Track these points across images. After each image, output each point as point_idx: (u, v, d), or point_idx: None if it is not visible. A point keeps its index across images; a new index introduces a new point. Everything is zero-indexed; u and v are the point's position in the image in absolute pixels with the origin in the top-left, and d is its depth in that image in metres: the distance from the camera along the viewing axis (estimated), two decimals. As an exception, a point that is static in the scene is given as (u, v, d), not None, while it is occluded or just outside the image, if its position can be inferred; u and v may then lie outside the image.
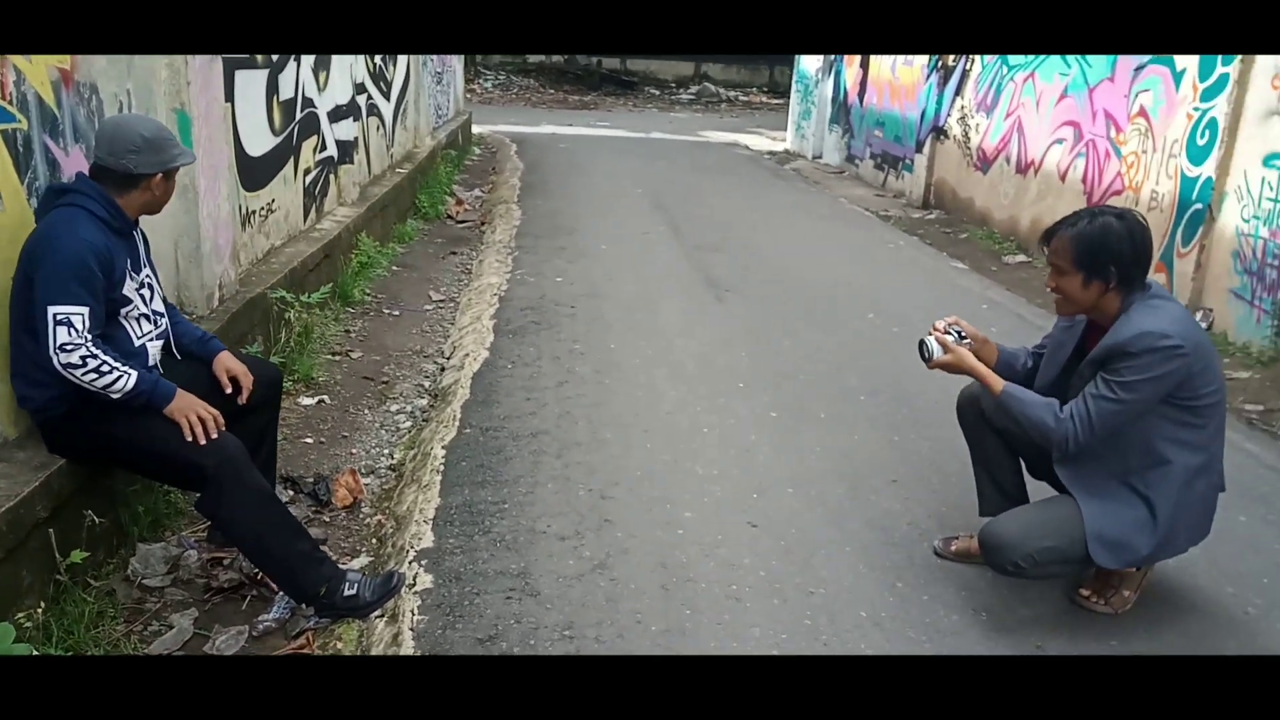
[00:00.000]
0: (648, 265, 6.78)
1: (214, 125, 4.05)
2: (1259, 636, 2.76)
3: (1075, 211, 2.67)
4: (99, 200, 2.63)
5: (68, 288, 2.48)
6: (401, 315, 5.65)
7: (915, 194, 10.27)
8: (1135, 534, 2.60)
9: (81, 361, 2.49)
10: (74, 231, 2.53)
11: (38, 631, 2.38)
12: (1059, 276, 2.63)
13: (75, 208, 2.59)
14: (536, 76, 23.28)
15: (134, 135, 2.67)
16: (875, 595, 2.86)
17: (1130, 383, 2.49)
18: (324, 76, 6.06)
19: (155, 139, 2.69)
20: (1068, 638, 2.71)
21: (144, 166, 2.67)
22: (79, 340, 2.49)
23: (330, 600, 2.69)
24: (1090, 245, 2.54)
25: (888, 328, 5.45)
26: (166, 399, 2.62)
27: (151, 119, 2.93)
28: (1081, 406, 2.56)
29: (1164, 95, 6.38)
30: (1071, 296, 2.63)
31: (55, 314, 2.47)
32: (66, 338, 2.48)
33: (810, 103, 13.95)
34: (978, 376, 2.77)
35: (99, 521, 2.71)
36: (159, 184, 2.73)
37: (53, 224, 2.57)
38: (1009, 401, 2.69)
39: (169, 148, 2.73)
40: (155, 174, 2.70)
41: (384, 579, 2.79)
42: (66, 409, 2.61)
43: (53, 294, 2.48)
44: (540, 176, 10.51)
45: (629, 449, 3.76)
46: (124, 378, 2.54)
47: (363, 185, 7.11)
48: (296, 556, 2.66)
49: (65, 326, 2.47)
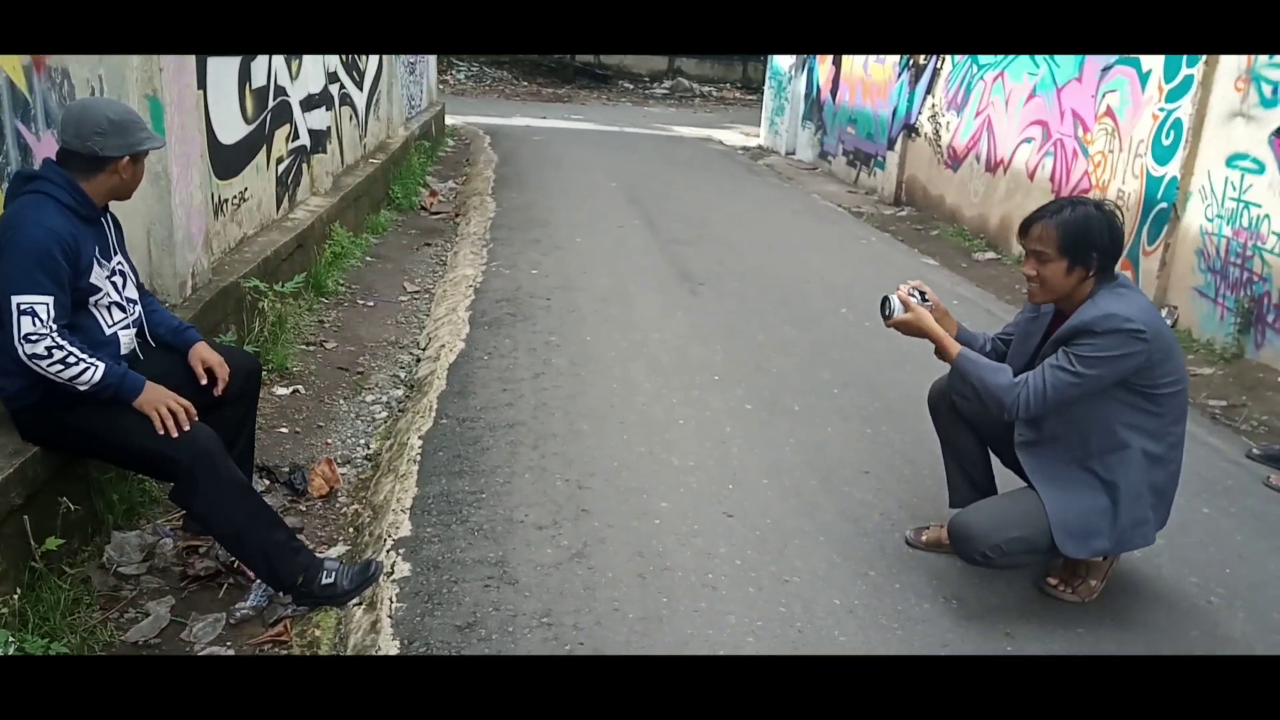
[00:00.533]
0: (622, 259, 6.80)
1: (186, 112, 4.01)
2: (1220, 625, 2.83)
3: (1053, 201, 2.72)
4: (65, 187, 2.59)
5: (32, 277, 2.45)
6: (376, 306, 5.62)
7: (887, 191, 10.36)
8: (1097, 522, 2.67)
9: (47, 352, 2.46)
10: (38, 220, 2.49)
11: (14, 618, 2.36)
12: (1041, 264, 2.65)
13: (41, 195, 2.55)
14: (510, 69, 23.17)
15: (100, 117, 2.62)
16: (848, 584, 2.90)
17: (1090, 358, 2.55)
18: (296, 65, 6.02)
19: (121, 121, 2.64)
20: (1036, 626, 2.77)
21: (110, 149, 2.61)
22: (44, 330, 2.46)
23: (308, 589, 2.69)
24: (1076, 232, 2.60)
25: (860, 323, 5.51)
26: (135, 391, 2.60)
27: (119, 102, 2.88)
28: (1038, 376, 2.62)
29: (1130, 96, 6.49)
30: (1052, 284, 2.67)
31: (19, 304, 2.44)
32: (31, 328, 2.44)
33: (783, 99, 14.02)
34: (934, 338, 2.80)
35: (74, 509, 2.69)
36: (126, 167, 2.67)
37: (16, 212, 2.53)
38: (965, 364, 2.74)
39: (136, 130, 2.67)
40: (122, 157, 2.64)
41: (361, 567, 2.80)
42: (36, 398, 2.59)
43: (16, 284, 2.44)
44: (515, 169, 10.48)
45: (605, 440, 3.78)
46: (91, 370, 2.51)
47: (336, 175, 7.06)
48: (274, 546, 2.66)
49: (29, 316, 2.44)
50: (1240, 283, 5.37)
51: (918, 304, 2.85)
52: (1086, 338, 2.56)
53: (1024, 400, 2.62)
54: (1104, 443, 2.66)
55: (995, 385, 2.67)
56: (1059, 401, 2.60)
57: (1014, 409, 2.64)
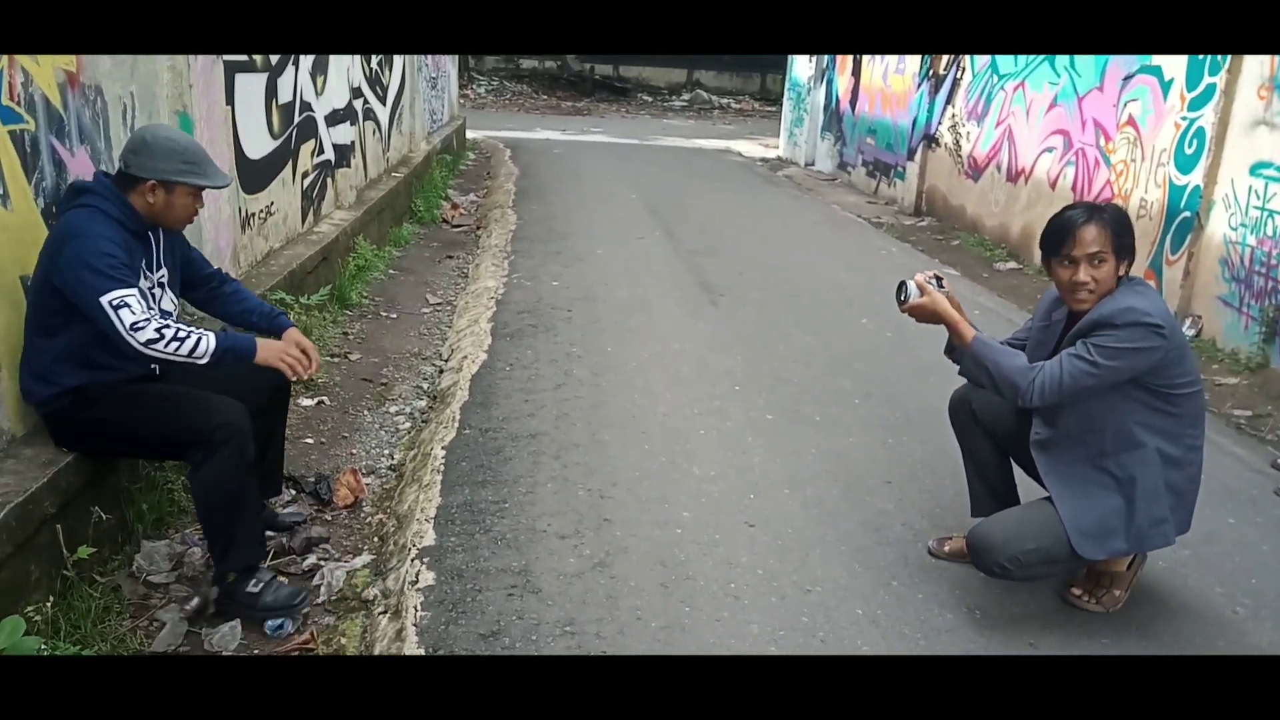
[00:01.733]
0: (643, 269, 6.83)
1: (215, 128, 4.09)
2: (1246, 635, 2.81)
3: (1070, 206, 2.73)
4: (112, 200, 2.66)
5: (109, 275, 2.52)
6: (399, 318, 5.68)
7: (907, 201, 10.35)
8: (1113, 522, 2.66)
9: (158, 334, 2.53)
10: (95, 230, 2.57)
11: (46, 625, 2.40)
12: (1097, 266, 2.61)
13: (90, 209, 2.62)
14: (530, 82, 23.34)
15: (140, 136, 2.70)
16: (870, 593, 2.91)
17: (1110, 349, 2.54)
18: (321, 81, 6.10)
19: (159, 144, 2.68)
20: (1060, 636, 2.76)
21: (137, 168, 2.67)
22: (145, 316, 2.53)
23: (233, 588, 2.70)
24: (1123, 229, 2.63)
25: (880, 333, 5.51)
26: (252, 349, 2.71)
27: (179, 133, 2.91)
28: (1055, 364, 2.61)
29: (1152, 104, 6.46)
30: (1106, 284, 2.64)
31: (110, 300, 2.50)
32: (133, 317, 2.51)
33: (802, 110, 14.04)
34: (949, 322, 2.79)
35: (105, 518, 2.74)
36: (152, 191, 2.69)
37: (70, 224, 2.60)
38: (980, 348, 2.73)
39: (171, 159, 2.68)
40: (147, 179, 2.67)
41: (290, 592, 2.78)
42: (68, 403, 2.65)
43: (98, 285, 2.50)
44: (535, 181, 10.55)
45: (627, 450, 3.80)
46: (203, 339, 2.59)
47: (359, 189, 7.14)
48: (242, 533, 2.70)
49: (125, 309, 2.51)
50: (1265, 292, 5.33)
51: (934, 289, 2.86)
52: (1107, 329, 2.56)
53: (1039, 385, 2.61)
54: (1119, 442, 2.65)
55: (1010, 369, 2.66)
56: (1075, 390, 2.59)
57: (1028, 394, 2.63)
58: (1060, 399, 2.62)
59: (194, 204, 2.81)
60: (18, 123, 2.76)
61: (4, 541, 2.39)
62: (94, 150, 3.19)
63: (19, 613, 2.33)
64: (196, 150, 2.79)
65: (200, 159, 2.77)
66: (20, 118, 2.77)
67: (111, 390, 2.68)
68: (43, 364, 2.64)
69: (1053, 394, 2.61)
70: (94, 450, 2.79)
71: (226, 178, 2.91)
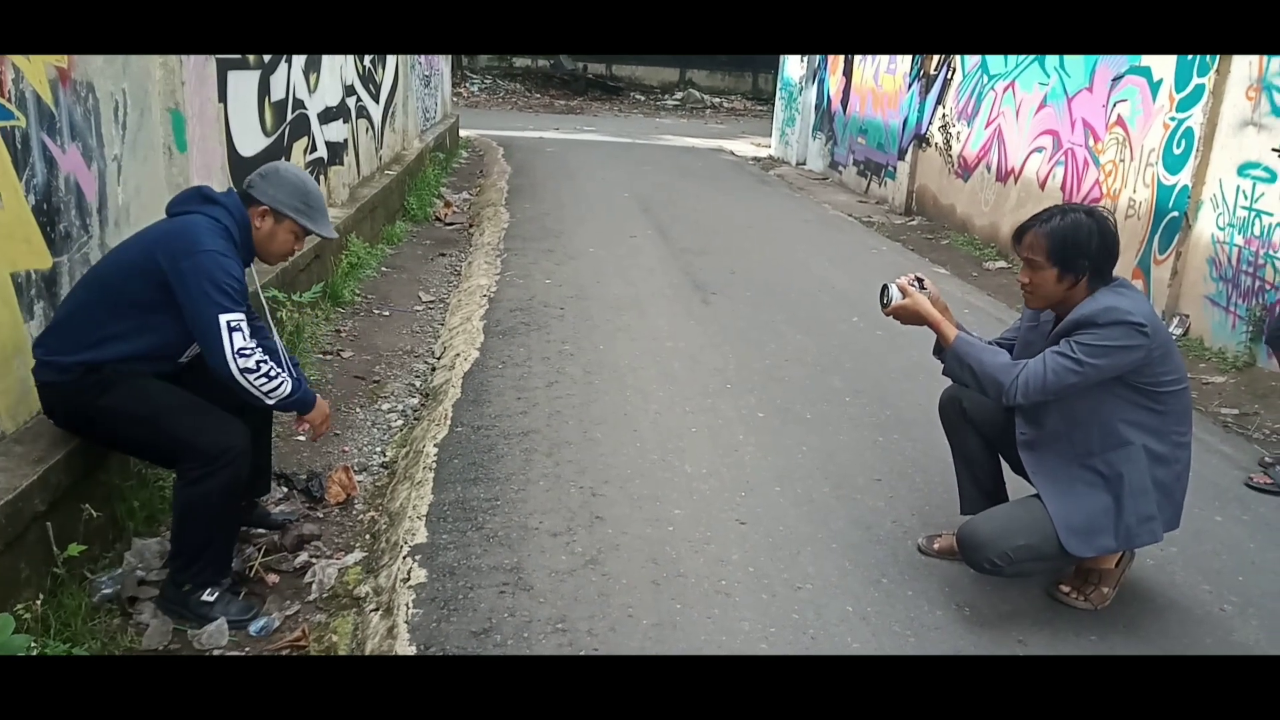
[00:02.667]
0: (635, 268, 6.84)
1: (208, 125, 4.08)
2: (1234, 633, 2.83)
3: (1045, 209, 2.76)
4: (238, 223, 2.74)
5: (230, 295, 2.58)
6: (391, 316, 5.68)
7: (898, 200, 10.39)
8: (1101, 519, 2.68)
9: (257, 366, 2.61)
10: (216, 246, 2.62)
11: (36, 623, 2.40)
12: (1033, 271, 2.71)
13: (218, 224, 2.68)
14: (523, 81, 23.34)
15: (273, 165, 2.83)
16: (861, 591, 2.92)
17: (1092, 347, 2.56)
18: (314, 78, 6.09)
19: (287, 177, 2.80)
20: (1049, 633, 2.78)
21: (258, 192, 2.77)
22: (251, 346, 2.60)
23: (186, 595, 2.70)
24: (1063, 240, 2.63)
25: (871, 331, 5.53)
26: (310, 405, 2.82)
27: (313, 181, 2.96)
28: (1038, 363, 2.63)
29: (1141, 105, 6.50)
30: (1043, 291, 2.71)
31: (229, 321, 2.56)
32: (243, 343, 2.59)
33: (794, 110, 14.07)
34: (932, 323, 2.82)
35: (96, 515, 2.74)
36: (262, 217, 2.77)
37: (199, 232, 2.63)
38: (962, 347, 2.75)
39: (293, 195, 2.78)
40: (262, 204, 2.76)
41: (242, 607, 2.76)
42: (75, 377, 2.63)
43: (223, 303, 2.57)
44: (528, 180, 10.55)
45: (619, 448, 3.81)
46: (285, 384, 2.68)
47: (352, 186, 7.14)
48: (213, 553, 2.71)
49: (239, 333, 2.58)
50: (1252, 291, 5.37)
51: (916, 291, 2.87)
52: (1089, 329, 2.58)
53: (1022, 382, 2.63)
54: (1105, 440, 2.67)
55: (993, 367, 2.69)
56: (1058, 388, 2.60)
57: (1011, 392, 2.65)
58: (1044, 396, 2.64)
59: (292, 244, 2.88)
60: (8, 119, 2.75)
61: (-6, 539, 2.39)
62: (85, 147, 3.18)
63: (8, 610, 2.32)
64: (317, 198, 2.89)
65: (317, 206, 2.87)
66: (10, 114, 2.76)
67: (127, 380, 2.66)
68: (88, 336, 2.62)
69: (1036, 391, 2.62)
70: (88, 435, 2.76)
71: (335, 234, 3.03)
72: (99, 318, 2.64)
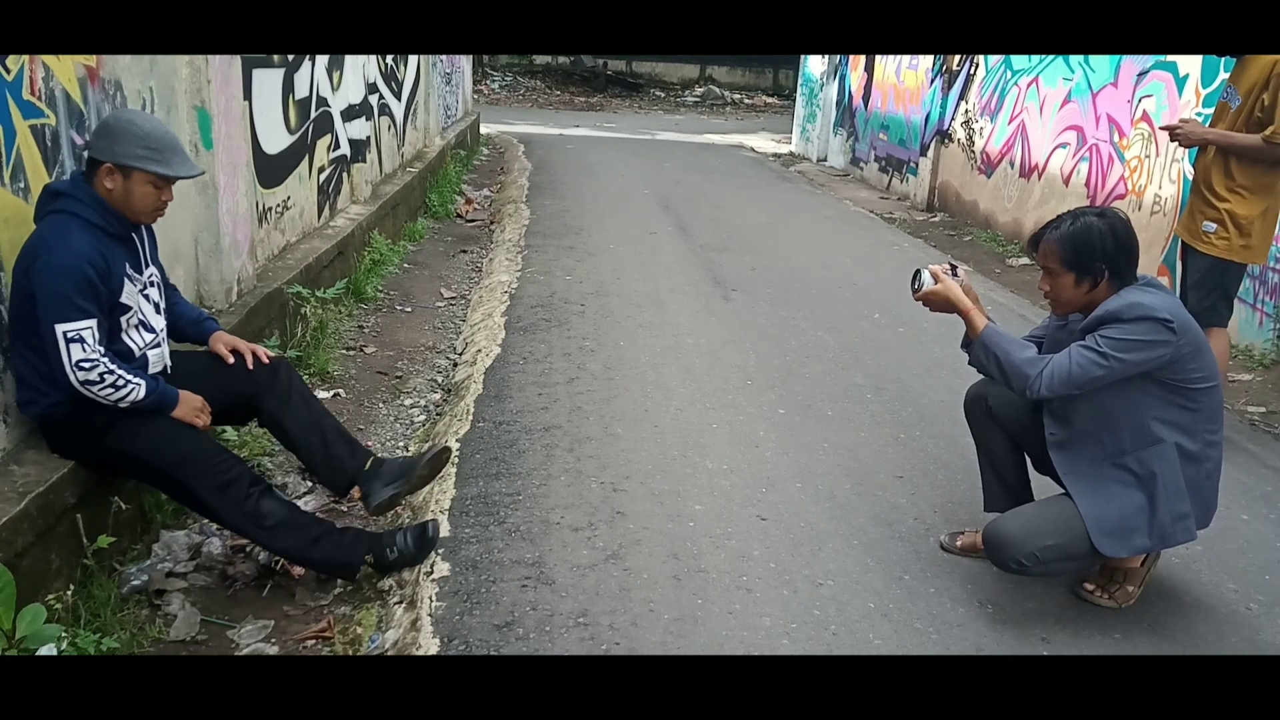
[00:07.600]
0: (655, 264, 6.84)
1: (233, 123, 4.12)
2: (1260, 632, 2.81)
3: (1058, 215, 2.75)
4: (91, 204, 2.54)
5: (72, 303, 2.43)
6: (414, 312, 5.71)
7: (920, 197, 10.33)
8: (1135, 519, 2.66)
9: (100, 378, 2.49)
10: (66, 244, 2.45)
11: (66, 613, 2.43)
12: (1052, 278, 2.71)
13: (66, 214, 2.50)
14: (543, 78, 23.36)
15: (104, 119, 2.61)
16: (883, 587, 2.91)
17: (1119, 342, 2.54)
18: (337, 76, 6.13)
19: (119, 127, 2.55)
20: (1072, 631, 2.76)
21: (95, 151, 2.54)
22: (94, 356, 2.47)
23: (388, 565, 2.87)
24: (1076, 244, 2.63)
25: (893, 327, 5.51)
26: (172, 403, 2.68)
27: (152, 119, 2.76)
28: (1064, 357, 2.62)
29: (1167, 100, 6.43)
30: (1065, 296, 2.71)
31: (65, 332, 2.43)
32: (81, 354, 2.45)
33: (815, 106, 14.01)
34: (962, 310, 2.82)
35: (124, 508, 2.78)
36: (109, 176, 2.54)
37: (44, 235, 2.49)
38: (991, 336, 2.75)
39: (130, 143, 2.53)
40: (104, 161, 2.52)
41: (418, 529, 2.94)
42: (64, 414, 2.61)
43: (58, 312, 2.43)
44: (548, 176, 10.57)
45: (639, 444, 3.82)
46: (134, 389, 2.56)
47: (375, 183, 7.17)
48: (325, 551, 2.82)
49: (78, 344, 2.45)
50: (1279, 288, 5.31)
51: (949, 278, 2.87)
52: (1114, 323, 2.56)
53: (1047, 376, 2.62)
54: (1137, 438, 2.65)
55: (1020, 359, 2.68)
56: (1083, 382, 2.59)
57: (1036, 385, 2.64)
58: (1068, 390, 2.63)
59: (157, 195, 2.63)
60: (39, 117, 2.79)
61: (25, 530, 2.43)
62: (114, 144, 3.21)
63: (40, 600, 2.36)
64: (162, 136, 2.61)
65: (164, 146, 2.59)
66: (41, 112, 2.80)
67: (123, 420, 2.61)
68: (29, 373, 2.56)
69: (1061, 385, 2.61)
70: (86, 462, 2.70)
71: (193, 168, 2.71)
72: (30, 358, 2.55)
